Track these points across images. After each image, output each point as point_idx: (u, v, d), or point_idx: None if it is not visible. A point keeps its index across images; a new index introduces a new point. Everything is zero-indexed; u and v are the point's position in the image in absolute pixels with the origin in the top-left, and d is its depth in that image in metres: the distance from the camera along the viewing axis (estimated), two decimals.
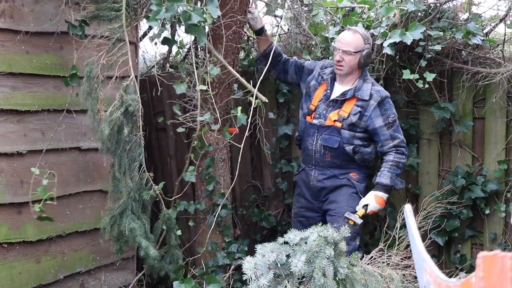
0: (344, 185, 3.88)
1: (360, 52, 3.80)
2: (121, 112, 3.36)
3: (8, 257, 3.47)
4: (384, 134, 3.81)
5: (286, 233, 2.97)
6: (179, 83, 3.67)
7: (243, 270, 2.84)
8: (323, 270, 2.81)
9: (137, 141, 3.52)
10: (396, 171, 3.80)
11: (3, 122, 3.42)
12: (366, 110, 3.80)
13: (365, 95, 3.80)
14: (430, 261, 1.81)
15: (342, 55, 3.81)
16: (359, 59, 3.81)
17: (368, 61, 3.85)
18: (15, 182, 3.49)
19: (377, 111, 3.80)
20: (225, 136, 3.92)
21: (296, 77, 4.11)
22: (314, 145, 3.91)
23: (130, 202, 3.53)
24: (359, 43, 3.80)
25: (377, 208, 3.77)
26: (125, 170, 3.48)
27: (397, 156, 3.81)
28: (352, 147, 3.83)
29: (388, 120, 3.80)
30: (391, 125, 3.81)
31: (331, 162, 3.89)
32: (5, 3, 3.38)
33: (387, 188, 3.80)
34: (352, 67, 3.83)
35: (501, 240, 4.27)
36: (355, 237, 3.80)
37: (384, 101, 3.81)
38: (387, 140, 3.81)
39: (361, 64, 3.82)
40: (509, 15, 4.19)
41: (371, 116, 3.79)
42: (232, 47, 3.98)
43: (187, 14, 3.26)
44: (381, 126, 3.80)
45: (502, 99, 4.14)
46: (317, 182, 3.93)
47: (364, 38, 3.81)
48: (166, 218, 3.74)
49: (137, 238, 3.51)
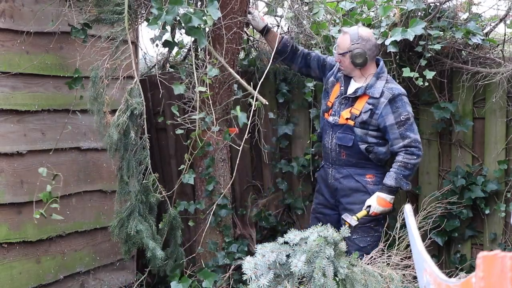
0: (359, 191, 3.81)
1: (348, 52, 3.75)
2: (127, 115, 3.37)
3: (8, 257, 3.47)
4: (394, 133, 3.71)
5: (286, 233, 2.97)
6: (177, 84, 3.67)
7: (243, 270, 2.84)
8: (323, 270, 2.81)
9: (142, 144, 3.53)
10: (403, 172, 3.70)
11: (3, 122, 3.42)
12: (377, 108, 3.72)
13: (376, 93, 3.73)
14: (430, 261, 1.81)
15: (337, 57, 3.83)
16: (350, 60, 3.76)
17: (360, 59, 3.75)
18: (15, 182, 3.49)
19: (388, 109, 3.71)
20: (226, 138, 3.92)
21: (319, 72, 4.05)
22: (330, 143, 3.88)
23: (137, 204, 3.54)
24: (346, 44, 3.76)
25: (379, 209, 3.73)
26: (133, 173, 3.50)
27: (406, 156, 3.70)
28: (366, 146, 3.77)
29: (400, 118, 3.69)
30: (403, 123, 3.70)
31: (347, 161, 3.84)
32: (5, 3, 3.38)
33: (391, 190, 3.72)
34: (348, 67, 3.80)
35: (501, 240, 4.27)
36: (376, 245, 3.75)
37: (396, 99, 3.71)
38: (397, 139, 3.71)
39: (355, 64, 3.76)
40: (509, 15, 4.19)
41: (382, 114, 3.71)
42: (232, 48, 3.98)
43: (187, 16, 3.26)
44: (391, 124, 3.71)
45: (502, 99, 4.14)
46: (334, 181, 3.89)
47: (352, 39, 3.74)
48: (172, 217, 3.75)
49: (144, 239, 3.52)
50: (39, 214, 3.40)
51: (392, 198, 3.75)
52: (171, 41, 3.65)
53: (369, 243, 3.79)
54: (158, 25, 3.27)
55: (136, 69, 3.53)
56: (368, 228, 3.80)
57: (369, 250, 3.71)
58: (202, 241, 4.16)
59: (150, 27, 3.30)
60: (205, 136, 3.96)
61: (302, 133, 4.71)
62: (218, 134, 4.04)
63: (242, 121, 3.66)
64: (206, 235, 4.12)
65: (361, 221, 3.73)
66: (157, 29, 3.32)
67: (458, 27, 4.11)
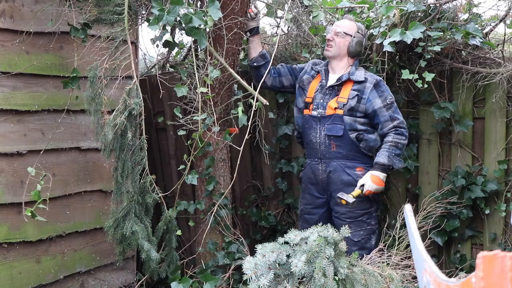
0: (351, 184, 3.82)
1: (351, 36, 3.88)
2: (125, 116, 3.36)
3: (8, 257, 3.47)
4: (384, 115, 3.79)
5: (286, 233, 2.98)
6: (180, 86, 3.66)
7: (243, 270, 2.84)
8: (323, 270, 2.81)
9: (140, 145, 3.52)
10: (394, 151, 3.77)
11: (3, 122, 3.42)
12: (364, 93, 3.81)
13: (359, 77, 3.84)
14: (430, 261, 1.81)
15: (334, 35, 3.90)
16: (349, 43, 3.87)
17: (357, 49, 3.89)
18: (15, 182, 3.49)
19: (374, 93, 3.81)
20: (226, 138, 3.92)
21: (291, 76, 4.09)
22: (318, 137, 3.88)
23: (133, 205, 3.53)
24: (352, 28, 3.91)
25: (373, 187, 3.74)
26: (128, 173, 3.49)
27: (396, 136, 3.78)
28: (356, 134, 3.80)
29: (386, 101, 3.80)
30: (389, 106, 3.80)
31: (337, 153, 3.85)
32: (5, 3, 3.38)
33: (384, 168, 3.75)
34: (340, 50, 3.88)
35: (501, 240, 4.26)
36: (370, 237, 3.81)
37: (380, 83, 3.85)
38: (387, 122, 3.79)
39: (350, 49, 3.87)
40: (509, 15, 4.19)
41: (369, 98, 3.80)
42: (233, 48, 3.98)
43: (188, 17, 3.26)
44: (380, 108, 3.80)
45: (502, 99, 4.14)
46: (325, 175, 3.90)
47: (358, 28, 3.92)
48: (167, 220, 3.74)
49: (139, 240, 3.51)
50: (30, 212, 3.40)
51: (385, 176, 3.78)
52: (171, 42, 3.65)
53: (362, 237, 3.83)
54: (159, 26, 3.27)
55: (135, 69, 3.53)
56: (360, 222, 3.83)
57: (364, 244, 3.78)
58: (202, 241, 4.16)
59: (151, 27, 3.30)
60: (205, 137, 3.96)
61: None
62: (218, 134, 4.04)
63: (242, 122, 3.66)
64: (206, 235, 4.12)
65: (353, 215, 3.78)
66: (158, 29, 3.32)
67: (458, 28, 4.11)
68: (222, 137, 4.02)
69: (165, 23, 3.25)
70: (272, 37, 4.87)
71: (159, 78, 3.75)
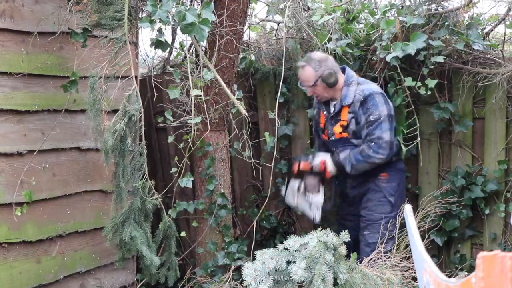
0: (371, 189, 4.02)
1: (318, 79, 3.93)
2: (124, 122, 3.37)
3: (8, 257, 3.47)
4: (364, 132, 3.93)
5: (286, 233, 2.98)
6: (172, 88, 3.69)
7: (243, 276, 2.86)
8: (323, 276, 2.82)
9: (140, 150, 3.53)
10: (355, 156, 3.92)
11: (3, 122, 3.42)
12: (357, 114, 3.95)
13: (348, 100, 3.95)
14: (430, 261, 1.81)
15: (310, 90, 4.02)
16: (324, 84, 3.95)
17: (333, 78, 3.94)
18: (15, 182, 3.49)
19: (361, 110, 3.92)
20: None
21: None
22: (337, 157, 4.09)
23: (132, 211, 3.54)
24: (311, 75, 3.95)
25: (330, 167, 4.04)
26: (128, 179, 3.50)
27: (365, 146, 3.91)
28: None
29: (370, 118, 3.89)
30: (371, 123, 3.89)
31: None
32: (5, 3, 3.38)
33: (337, 163, 4.01)
34: (325, 91, 4.00)
35: (501, 240, 4.27)
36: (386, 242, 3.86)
37: (367, 99, 3.91)
38: (365, 138, 3.93)
39: (329, 85, 3.95)
40: (509, 15, 4.19)
41: (360, 116, 3.93)
42: (233, 48, 3.98)
43: (181, 14, 3.23)
44: (363, 124, 3.92)
45: (502, 100, 4.14)
46: (351, 189, 4.14)
47: (314, 66, 3.94)
48: (167, 225, 3.75)
49: (139, 246, 3.53)
50: (20, 211, 3.42)
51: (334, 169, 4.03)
52: (163, 42, 3.61)
53: (377, 240, 3.92)
54: (151, 24, 3.25)
55: (135, 74, 3.52)
56: (379, 225, 3.94)
57: (375, 248, 3.86)
58: (202, 241, 4.16)
59: (142, 24, 3.29)
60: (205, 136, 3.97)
61: (302, 133, 4.71)
62: (218, 134, 4.04)
63: (270, 146, 3.78)
64: (206, 235, 4.12)
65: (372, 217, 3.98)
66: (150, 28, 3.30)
67: (460, 34, 4.12)
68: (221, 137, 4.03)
69: (157, 18, 3.22)
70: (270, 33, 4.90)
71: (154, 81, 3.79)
